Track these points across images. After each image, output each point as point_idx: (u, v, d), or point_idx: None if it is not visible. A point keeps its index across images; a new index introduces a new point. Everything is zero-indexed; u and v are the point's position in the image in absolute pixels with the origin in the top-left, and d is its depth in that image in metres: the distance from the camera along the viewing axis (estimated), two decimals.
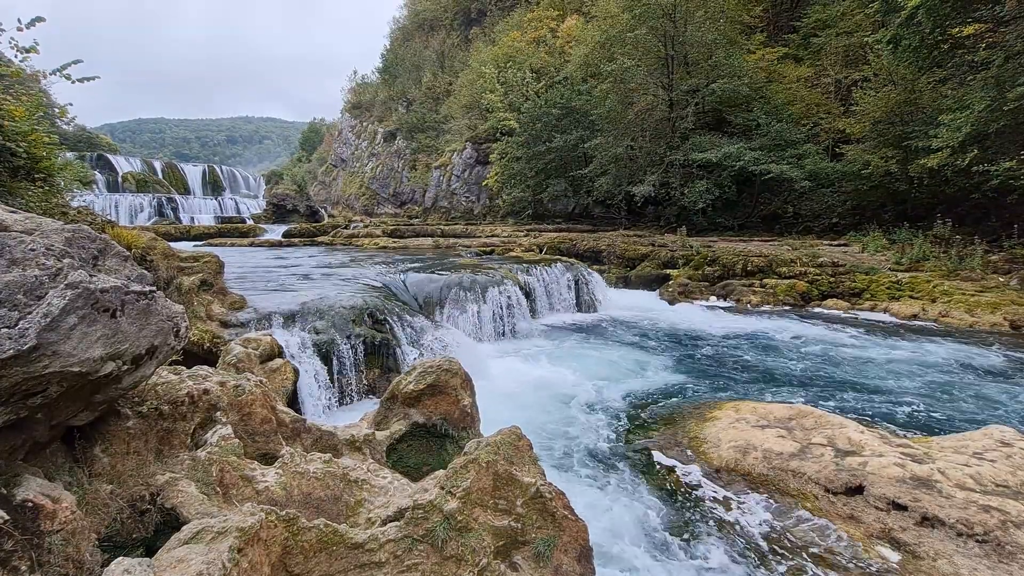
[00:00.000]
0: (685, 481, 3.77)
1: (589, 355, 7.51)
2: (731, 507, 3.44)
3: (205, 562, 1.51)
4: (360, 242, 17.59)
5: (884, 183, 15.04)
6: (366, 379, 5.84)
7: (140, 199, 25.83)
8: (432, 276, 8.77)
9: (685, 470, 3.92)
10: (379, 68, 54.07)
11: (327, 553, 1.92)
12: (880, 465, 3.32)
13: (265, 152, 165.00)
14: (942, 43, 12.70)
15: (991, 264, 10.65)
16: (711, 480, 3.76)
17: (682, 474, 3.87)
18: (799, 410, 4.40)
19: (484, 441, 2.46)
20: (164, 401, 2.37)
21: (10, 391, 1.54)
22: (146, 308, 1.93)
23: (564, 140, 23.06)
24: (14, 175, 4.76)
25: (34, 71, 5.45)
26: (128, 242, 4.73)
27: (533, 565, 2.27)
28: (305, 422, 3.16)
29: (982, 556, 2.66)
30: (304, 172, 58.23)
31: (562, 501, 2.45)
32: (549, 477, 2.58)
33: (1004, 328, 8.27)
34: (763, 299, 10.82)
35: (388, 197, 43.87)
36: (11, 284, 1.58)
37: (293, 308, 6.00)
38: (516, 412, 5.12)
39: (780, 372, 6.58)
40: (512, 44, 33.08)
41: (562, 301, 10.54)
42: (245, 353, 4.09)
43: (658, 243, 14.69)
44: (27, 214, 2.02)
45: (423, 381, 3.46)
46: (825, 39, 20.20)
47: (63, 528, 1.67)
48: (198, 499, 2.08)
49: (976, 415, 5.10)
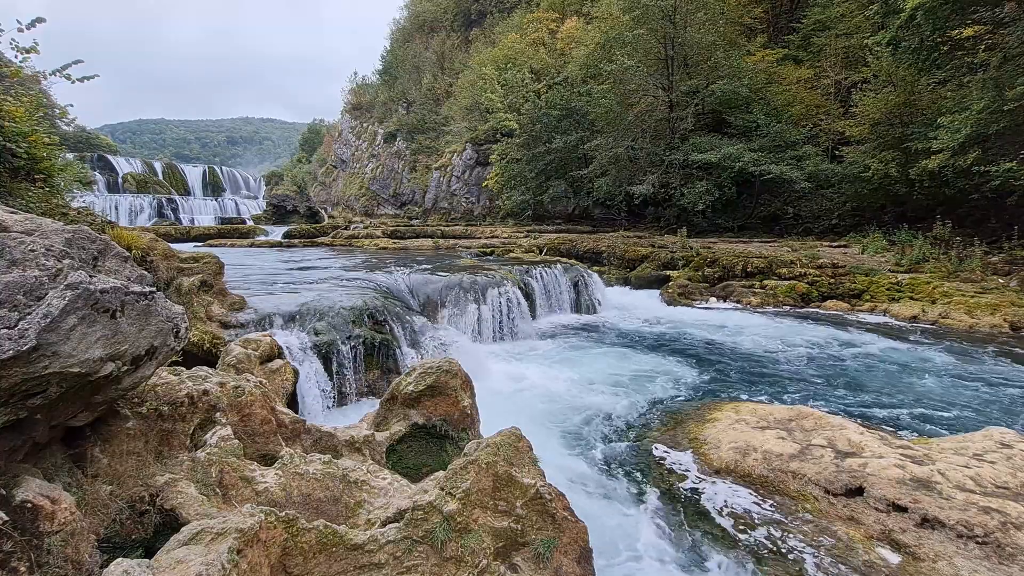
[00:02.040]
0: (685, 482, 3.77)
1: (588, 356, 7.50)
2: (731, 508, 3.43)
3: (204, 563, 1.51)
4: (360, 243, 17.59)
5: (884, 185, 15.06)
6: (366, 380, 5.83)
7: (140, 200, 25.84)
8: (432, 277, 8.77)
9: (685, 471, 3.91)
10: (379, 69, 54.14)
11: (327, 554, 1.92)
12: (880, 466, 3.31)
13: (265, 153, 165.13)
14: (941, 45, 12.72)
15: (991, 266, 10.65)
16: (711, 481, 3.76)
17: (682, 475, 3.86)
18: (799, 411, 4.39)
19: (484, 442, 2.46)
20: (164, 402, 2.37)
21: (10, 392, 1.54)
22: (146, 309, 1.93)
23: (564, 141, 23.09)
24: (14, 176, 4.76)
25: (34, 72, 5.46)
26: (128, 243, 4.72)
27: (533, 566, 2.27)
28: (305, 423, 3.16)
29: (982, 558, 2.66)
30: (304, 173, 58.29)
31: (562, 502, 2.45)
32: (548, 478, 2.57)
33: (1004, 329, 8.27)
34: (763, 300, 10.82)
35: (388, 198, 43.90)
36: (11, 285, 1.58)
37: (293, 309, 5.99)
38: (515, 413, 5.11)
39: (780, 373, 6.58)
40: (512, 46, 33.13)
41: (562, 302, 10.53)
42: (245, 354, 4.09)
43: (658, 244, 14.69)
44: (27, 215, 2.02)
45: (423, 382, 3.46)
46: (825, 40, 20.24)
47: (62, 529, 1.66)
48: (197, 500, 2.08)
49: (976, 416, 5.10)
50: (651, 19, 19.41)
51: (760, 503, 3.45)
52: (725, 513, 3.39)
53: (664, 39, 19.75)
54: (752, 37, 22.83)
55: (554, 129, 23.94)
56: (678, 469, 3.96)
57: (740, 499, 3.52)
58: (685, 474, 3.88)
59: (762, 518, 3.30)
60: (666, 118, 20.58)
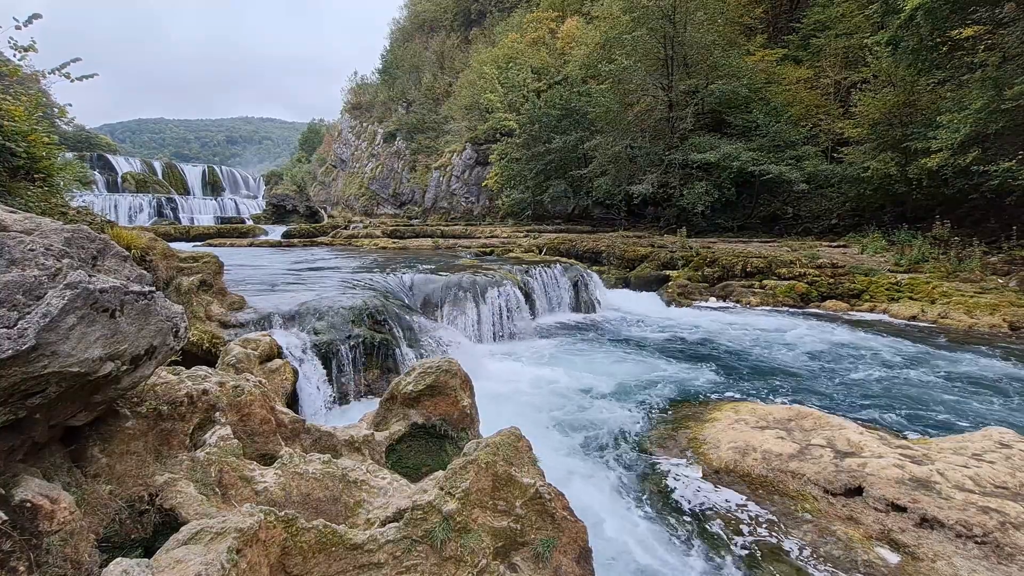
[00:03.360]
0: (684, 482, 3.77)
1: (588, 356, 7.50)
2: (730, 508, 3.44)
3: (204, 563, 1.51)
4: (360, 243, 17.58)
5: (883, 185, 15.06)
6: (365, 379, 5.83)
7: (140, 199, 25.79)
8: (431, 277, 8.76)
9: (684, 471, 3.92)
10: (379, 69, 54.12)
11: (326, 554, 1.92)
12: (879, 466, 3.32)
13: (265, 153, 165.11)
14: (941, 45, 12.72)
15: (990, 266, 10.66)
16: (710, 481, 3.76)
17: (681, 475, 3.87)
18: (798, 411, 4.40)
19: (483, 442, 2.46)
20: (163, 401, 2.37)
21: (9, 391, 1.54)
22: (145, 308, 1.93)
23: (564, 141, 23.09)
24: (13, 175, 4.76)
25: (33, 71, 5.45)
26: (127, 242, 4.71)
27: (532, 566, 2.27)
28: (304, 423, 3.16)
29: (981, 557, 2.66)
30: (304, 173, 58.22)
31: (561, 502, 2.45)
32: (548, 478, 2.58)
33: (1003, 329, 8.28)
34: (762, 300, 10.83)
35: (388, 198, 43.89)
36: (10, 284, 1.58)
37: (292, 309, 5.99)
38: (515, 413, 5.12)
39: (779, 373, 6.58)
40: (512, 45, 33.13)
41: (561, 302, 10.53)
42: (244, 353, 4.09)
43: (657, 244, 14.69)
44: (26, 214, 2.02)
45: (422, 382, 3.46)
46: (824, 40, 20.23)
47: (61, 528, 1.66)
48: (197, 500, 2.08)
49: (975, 416, 5.11)
50: (651, 19, 19.41)
51: (759, 503, 3.45)
52: (724, 513, 3.40)
53: (664, 39, 19.75)
54: (752, 37, 22.83)
55: (554, 129, 23.94)
56: (677, 469, 3.96)
57: (739, 499, 3.52)
58: (684, 474, 3.88)
59: (761, 518, 3.30)
60: (665, 118, 20.58)
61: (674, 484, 3.77)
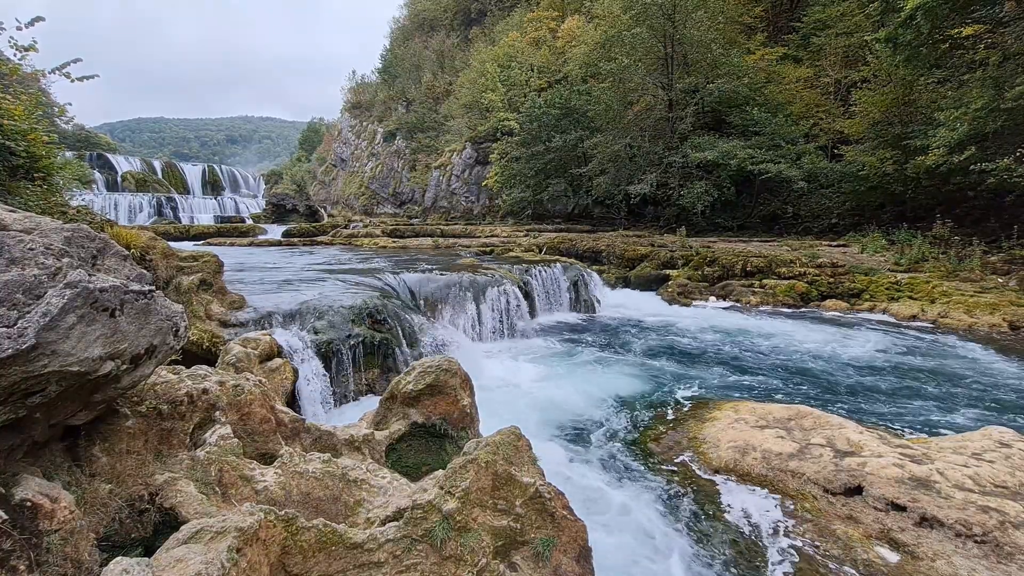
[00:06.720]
0: (684, 482, 3.77)
1: (587, 355, 7.50)
2: (730, 508, 3.44)
3: (204, 562, 1.51)
4: (360, 242, 17.57)
5: (883, 184, 15.07)
6: (365, 379, 5.83)
7: (139, 198, 25.77)
8: (431, 276, 8.76)
9: (684, 470, 3.92)
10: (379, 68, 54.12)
11: (326, 553, 1.92)
12: (879, 466, 3.32)
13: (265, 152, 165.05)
14: (941, 44, 12.72)
15: (990, 265, 10.66)
16: (710, 480, 3.76)
17: (681, 474, 3.87)
18: (798, 410, 4.40)
19: (483, 441, 2.46)
20: (163, 401, 2.37)
21: (9, 390, 1.54)
22: (145, 307, 1.93)
23: (564, 140, 23.09)
24: (13, 174, 4.76)
25: (33, 70, 5.45)
26: (127, 241, 4.71)
27: (532, 565, 2.27)
28: (304, 422, 3.16)
29: (980, 557, 2.66)
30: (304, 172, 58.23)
31: (561, 501, 2.45)
32: (547, 477, 2.58)
33: (1003, 329, 8.28)
34: (762, 299, 10.83)
35: (388, 197, 43.88)
36: (10, 283, 1.58)
37: (292, 308, 5.99)
38: (515, 412, 5.12)
39: (780, 372, 6.58)
40: (512, 44, 33.12)
41: (561, 301, 10.53)
42: (244, 353, 4.09)
43: (657, 243, 14.69)
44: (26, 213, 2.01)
45: (422, 381, 3.46)
46: (824, 39, 20.23)
47: (62, 528, 1.66)
48: (197, 499, 2.08)
49: (975, 416, 5.11)
50: (650, 17, 19.40)
51: (759, 502, 3.45)
52: (724, 512, 3.40)
53: (663, 37, 19.75)
54: (752, 36, 22.82)
55: (553, 128, 23.95)
56: (677, 468, 3.96)
57: (739, 498, 3.52)
58: (684, 473, 3.88)
59: (761, 517, 3.30)
60: (665, 117, 20.58)
61: (673, 484, 3.77)
